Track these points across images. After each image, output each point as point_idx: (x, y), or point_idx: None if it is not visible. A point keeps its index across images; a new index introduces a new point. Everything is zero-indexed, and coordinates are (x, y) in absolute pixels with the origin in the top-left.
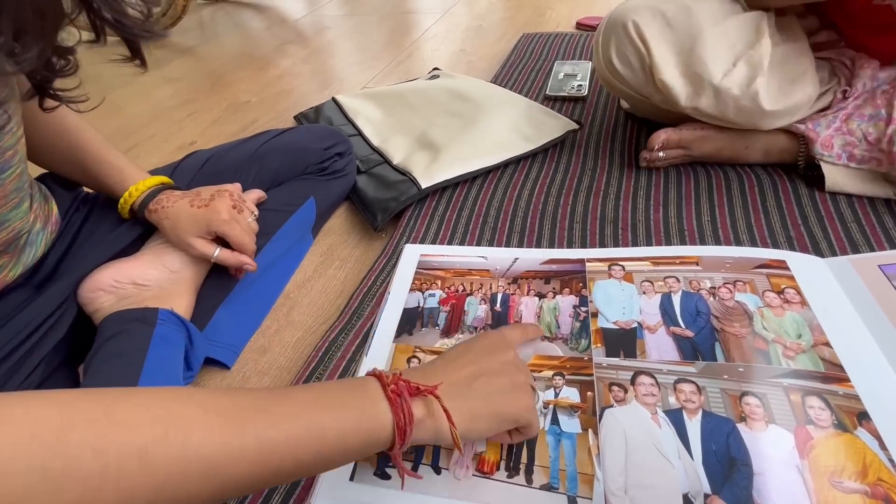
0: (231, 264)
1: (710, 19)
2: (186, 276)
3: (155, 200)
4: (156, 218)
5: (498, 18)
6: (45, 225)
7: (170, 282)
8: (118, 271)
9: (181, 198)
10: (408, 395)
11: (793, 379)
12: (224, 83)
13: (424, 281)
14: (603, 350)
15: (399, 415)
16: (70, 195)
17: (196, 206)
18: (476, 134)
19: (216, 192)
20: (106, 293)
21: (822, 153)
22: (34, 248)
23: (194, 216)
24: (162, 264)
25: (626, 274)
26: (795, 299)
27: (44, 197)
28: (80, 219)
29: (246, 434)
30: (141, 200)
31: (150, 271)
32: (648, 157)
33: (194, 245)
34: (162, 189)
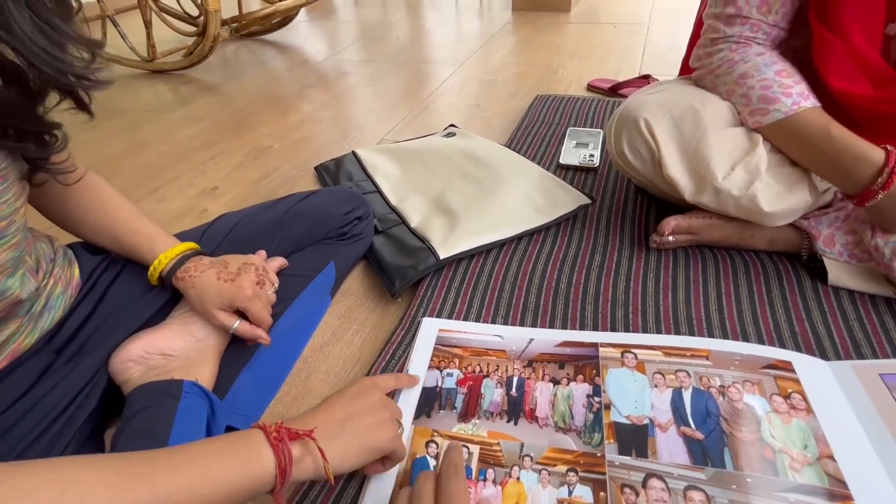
0: (248, 337)
1: (713, 124)
2: (211, 345)
3: (183, 269)
4: (182, 286)
5: (511, 74)
6: (66, 289)
7: (196, 351)
8: (148, 343)
9: (209, 268)
10: (287, 439)
11: (799, 494)
12: (247, 126)
13: (443, 358)
14: (616, 446)
15: (280, 457)
16: (97, 258)
17: (223, 280)
18: (492, 204)
19: (242, 266)
20: (136, 364)
21: (824, 249)
22: (52, 313)
23: (220, 290)
24: (189, 334)
25: (638, 363)
26: (801, 405)
27: (68, 261)
28: (107, 281)
29: (140, 487)
30: (169, 268)
31: (177, 341)
32: (658, 241)
33: (217, 316)
34: (190, 255)
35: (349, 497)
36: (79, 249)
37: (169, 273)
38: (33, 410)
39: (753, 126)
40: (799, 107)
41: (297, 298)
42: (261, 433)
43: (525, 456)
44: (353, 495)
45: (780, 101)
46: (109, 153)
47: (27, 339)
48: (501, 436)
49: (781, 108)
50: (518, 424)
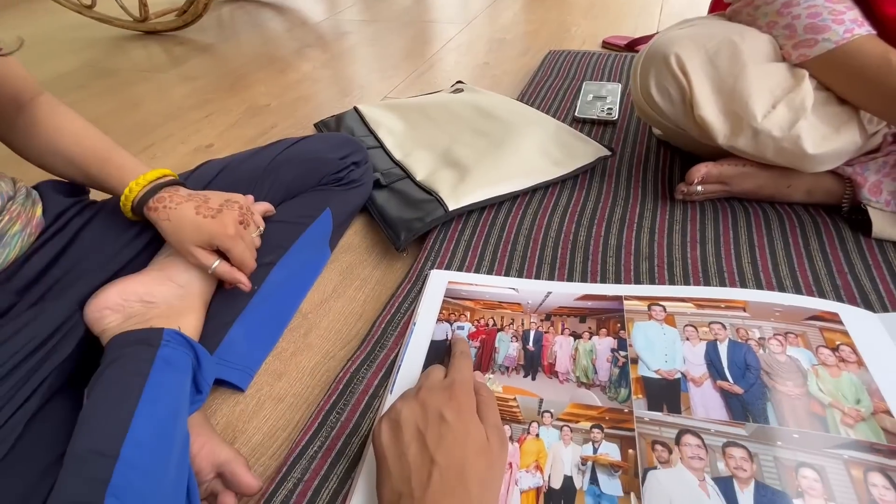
0: (226, 279)
1: (753, 58)
2: (195, 292)
3: (156, 198)
4: (155, 217)
5: (521, 32)
6: (25, 227)
7: (178, 298)
8: (125, 289)
9: (186, 200)
10: None
11: (853, 451)
12: (243, 84)
13: (452, 311)
14: (644, 402)
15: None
16: (68, 200)
17: (202, 215)
18: (504, 156)
19: (225, 203)
20: (113, 312)
21: (869, 198)
22: (7, 250)
23: (198, 225)
24: (169, 279)
25: (667, 316)
26: (851, 358)
27: (31, 202)
28: (79, 224)
29: None
30: (141, 196)
31: (157, 287)
32: (686, 191)
33: (193, 253)
34: (164, 184)
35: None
36: (47, 191)
37: (140, 202)
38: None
39: (798, 60)
40: (853, 34)
41: (292, 247)
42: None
43: (545, 412)
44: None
45: (831, 30)
46: (99, 112)
47: None
48: (518, 391)
49: (832, 37)
50: (536, 379)
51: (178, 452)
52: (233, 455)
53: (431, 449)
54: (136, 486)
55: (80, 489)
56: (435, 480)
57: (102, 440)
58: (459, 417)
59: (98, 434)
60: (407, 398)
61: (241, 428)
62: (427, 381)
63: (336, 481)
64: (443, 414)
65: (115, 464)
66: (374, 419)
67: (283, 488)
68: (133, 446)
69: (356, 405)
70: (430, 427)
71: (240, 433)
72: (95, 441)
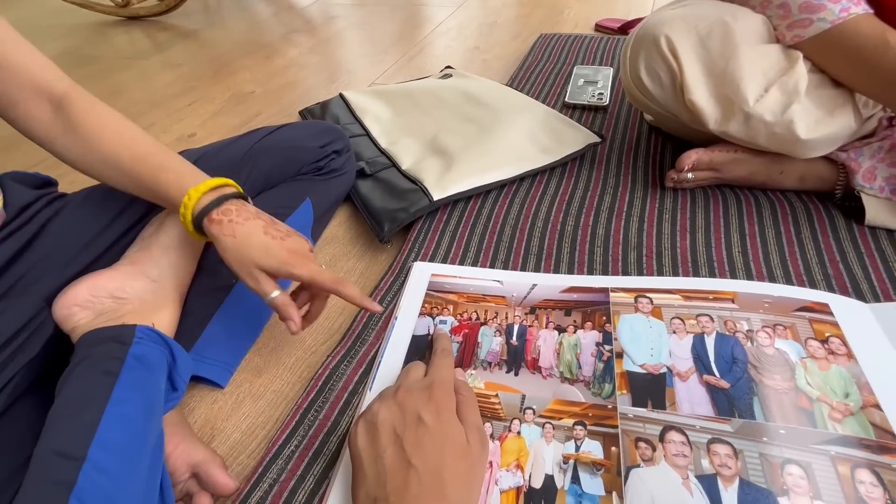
0: (281, 314)
1: (745, 40)
2: (169, 286)
3: (222, 209)
4: (217, 231)
5: (513, 15)
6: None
7: (151, 293)
8: (94, 284)
9: (254, 217)
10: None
11: (840, 447)
12: (228, 71)
13: (435, 305)
14: (629, 398)
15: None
16: (34, 193)
17: (271, 236)
18: (491, 143)
19: (293, 232)
20: (82, 309)
21: (863, 185)
22: None
23: (267, 247)
24: (142, 274)
25: (654, 308)
26: (841, 350)
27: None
28: (45, 217)
29: None
30: (204, 206)
31: (128, 282)
32: (676, 178)
33: (256, 277)
34: (231, 195)
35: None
36: (10, 182)
37: (202, 211)
38: None
39: (792, 42)
40: (849, 13)
41: None
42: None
43: (527, 409)
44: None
45: (826, 9)
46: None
47: None
48: (500, 387)
49: (827, 16)
50: (519, 375)
51: (151, 454)
52: (209, 455)
53: (409, 452)
54: (104, 489)
55: (43, 492)
56: (412, 485)
57: (68, 442)
58: (438, 419)
59: (64, 435)
60: (385, 398)
61: (220, 426)
62: (406, 379)
63: (313, 481)
64: (421, 416)
65: (82, 466)
66: (353, 417)
67: (259, 489)
68: (101, 448)
69: (335, 402)
70: (408, 430)
71: (218, 431)
72: (61, 443)
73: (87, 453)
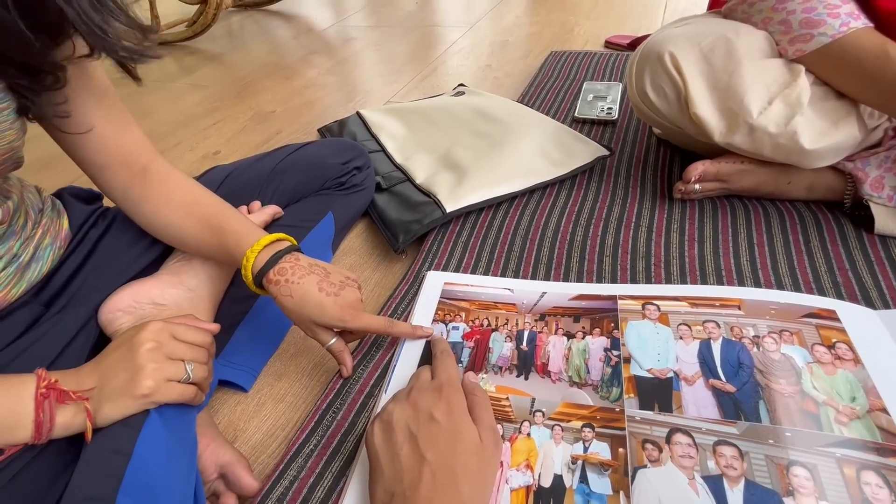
0: (337, 359)
1: (748, 55)
2: (204, 295)
3: (277, 269)
4: (276, 291)
5: (524, 34)
6: (55, 241)
7: (188, 301)
8: (137, 292)
9: (308, 272)
10: (56, 400)
11: (846, 449)
12: (250, 92)
13: (448, 312)
14: (636, 401)
15: (39, 417)
16: (88, 209)
17: (325, 292)
18: (502, 157)
19: (346, 280)
20: (125, 314)
21: (871, 194)
22: (40, 264)
23: (321, 305)
24: (181, 283)
25: (661, 315)
26: (848, 356)
27: (56, 213)
28: (96, 234)
29: None
30: (261, 268)
31: (168, 290)
32: (683, 190)
33: (315, 331)
34: (284, 252)
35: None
36: (68, 199)
37: (261, 273)
38: (16, 361)
39: (795, 56)
40: (849, 27)
41: None
42: (32, 385)
43: (536, 411)
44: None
45: (826, 24)
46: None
47: (13, 289)
48: (511, 390)
49: (828, 31)
50: (529, 379)
51: (189, 456)
52: (236, 457)
53: (423, 449)
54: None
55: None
56: (426, 479)
57: (117, 439)
58: (450, 417)
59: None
60: (398, 400)
61: (242, 427)
62: (417, 382)
63: (331, 479)
64: (433, 414)
65: (129, 462)
66: (368, 418)
67: (280, 486)
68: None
69: (352, 404)
70: (422, 428)
71: (241, 432)
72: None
73: (133, 450)
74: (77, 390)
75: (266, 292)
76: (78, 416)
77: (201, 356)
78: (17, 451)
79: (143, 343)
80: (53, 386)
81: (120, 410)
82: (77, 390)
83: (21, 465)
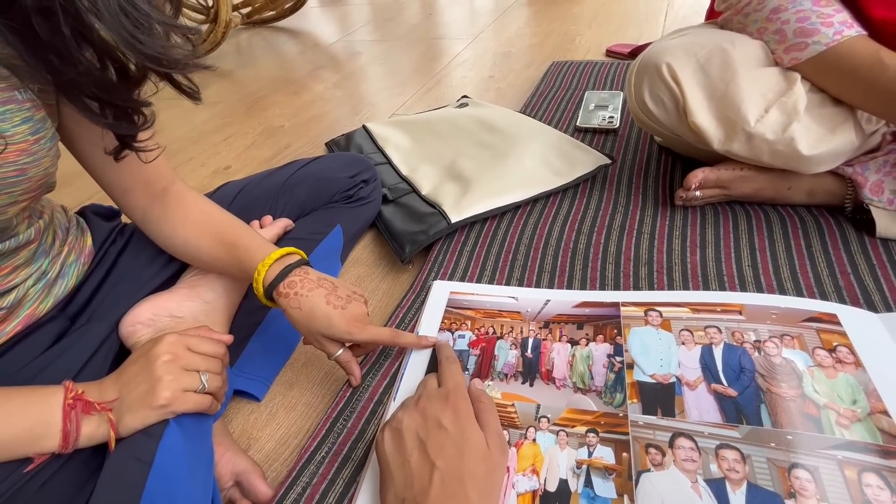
0: (345, 369)
1: (744, 64)
2: (220, 307)
3: (287, 282)
4: (285, 303)
5: (526, 45)
6: (79, 257)
7: (204, 313)
8: (156, 305)
9: (316, 286)
10: (82, 411)
11: (847, 451)
12: (259, 107)
13: (454, 320)
14: (639, 406)
15: (67, 427)
16: (108, 226)
17: (332, 305)
18: (506, 167)
19: (353, 294)
20: (144, 326)
21: (871, 198)
22: (66, 280)
23: (329, 318)
24: (198, 296)
25: (663, 321)
26: (849, 359)
27: (80, 230)
28: (116, 251)
29: None
30: (271, 281)
31: (185, 303)
32: (684, 197)
33: (323, 343)
34: (294, 266)
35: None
36: (91, 216)
37: (271, 286)
38: (42, 374)
39: (790, 64)
40: (842, 36)
41: None
42: (60, 395)
43: (541, 417)
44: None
45: (820, 33)
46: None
47: (41, 305)
48: (516, 397)
49: (822, 39)
50: (534, 386)
51: (206, 464)
52: (251, 465)
53: (432, 455)
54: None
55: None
56: (436, 485)
57: (138, 447)
58: (457, 424)
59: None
60: (407, 407)
61: (256, 436)
62: (425, 390)
63: (342, 485)
64: (441, 421)
65: (150, 470)
66: (378, 425)
67: (293, 492)
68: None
69: (361, 412)
70: (430, 435)
71: (254, 441)
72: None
73: (154, 459)
74: (101, 401)
75: (276, 305)
76: (101, 427)
77: (216, 366)
78: (45, 461)
79: (160, 356)
80: (80, 397)
81: (140, 421)
82: (101, 401)
83: (49, 474)
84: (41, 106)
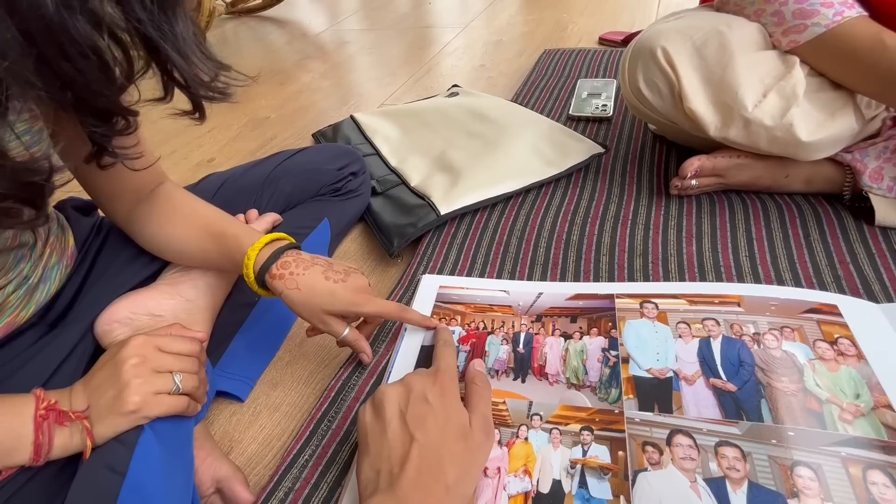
0: (353, 348)
1: (741, 47)
2: (202, 305)
3: (280, 263)
4: (281, 286)
5: (518, 33)
6: (61, 259)
7: (185, 312)
8: (134, 303)
9: (311, 263)
10: (55, 422)
11: (852, 448)
12: (244, 98)
13: (443, 316)
14: (635, 402)
15: (39, 439)
16: (88, 222)
17: (333, 280)
18: (497, 157)
19: (349, 268)
20: (121, 325)
21: (870, 185)
22: (48, 285)
23: (332, 292)
24: (178, 294)
25: (659, 313)
26: (851, 352)
27: (61, 228)
28: (95, 248)
29: None
30: (262, 264)
31: (165, 301)
32: (680, 185)
33: (329, 322)
34: (285, 248)
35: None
36: (70, 212)
37: (262, 269)
38: (12, 379)
39: (788, 47)
40: (843, 17)
41: None
42: (32, 406)
43: (534, 415)
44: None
45: (820, 14)
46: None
47: (22, 312)
48: (507, 394)
49: (821, 21)
50: (526, 382)
51: (185, 471)
52: (232, 470)
53: (412, 427)
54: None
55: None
56: (413, 457)
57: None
58: (441, 401)
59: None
60: (393, 383)
61: (238, 438)
62: (413, 371)
63: (326, 489)
64: (426, 395)
65: (124, 480)
66: None
67: (275, 498)
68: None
69: (347, 413)
70: (412, 406)
71: (236, 443)
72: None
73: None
74: (75, 410)
75: (269, 293)
76: (76, 437)
77: (190, 366)
78: (13, 474)
79: (127, 359)
80: (53, 407)
81: (111, 428)
82: (75, 410)
83: (16, 488)
84: (39, 117)
